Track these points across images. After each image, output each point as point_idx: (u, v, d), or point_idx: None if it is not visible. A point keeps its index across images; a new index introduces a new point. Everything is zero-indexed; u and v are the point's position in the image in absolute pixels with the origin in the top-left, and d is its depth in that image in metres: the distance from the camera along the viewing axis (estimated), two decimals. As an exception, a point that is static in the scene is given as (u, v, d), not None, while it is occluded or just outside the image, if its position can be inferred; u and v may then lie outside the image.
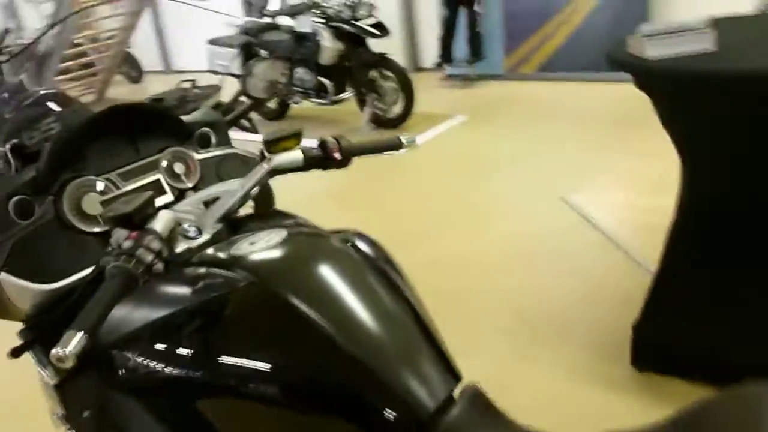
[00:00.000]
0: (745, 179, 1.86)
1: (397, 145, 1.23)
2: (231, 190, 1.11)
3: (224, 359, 0.91)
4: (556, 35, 6.10)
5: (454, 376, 0.94)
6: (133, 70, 8.99)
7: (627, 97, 5.25)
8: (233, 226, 1.09)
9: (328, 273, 0.96)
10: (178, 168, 1.18)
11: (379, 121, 5.17)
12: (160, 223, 0.90)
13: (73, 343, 0.73)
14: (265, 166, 1.10)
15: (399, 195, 4.07)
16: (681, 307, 2.08)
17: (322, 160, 1.14)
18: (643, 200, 3.39)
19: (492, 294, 2.77)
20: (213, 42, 5.71)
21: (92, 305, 0.77)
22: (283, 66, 5.22)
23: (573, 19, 5.94)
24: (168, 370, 0.94)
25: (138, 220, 0.89)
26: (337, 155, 1.13)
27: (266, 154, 1.11)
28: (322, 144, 1.14)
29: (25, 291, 1.02)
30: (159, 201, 1.13)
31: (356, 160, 1.19)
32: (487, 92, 6.25)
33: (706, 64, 1.71)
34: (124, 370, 0.97)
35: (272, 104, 5.79)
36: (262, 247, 0.99)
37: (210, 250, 1.01)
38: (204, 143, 1.27)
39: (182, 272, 0.98)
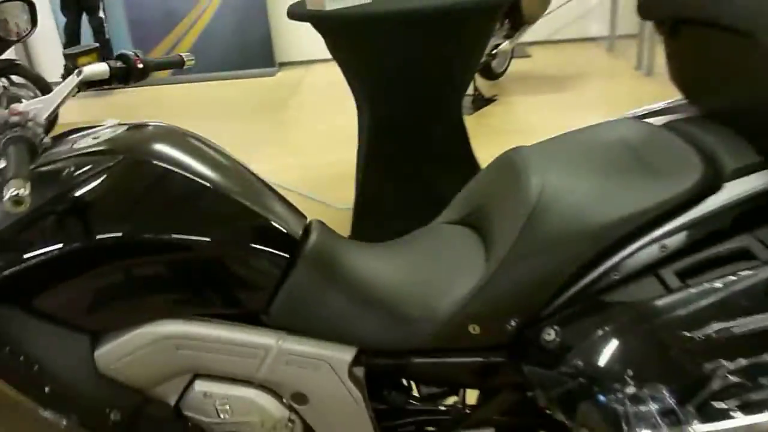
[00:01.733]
0: (398, 97, 2.44)
1: (180, 62, 1.38)
2: (39, 107, 1.14)
3: (112, 233, 0.98)
4: (185, 39, 6.33)
5: (302, 214, 1.19)
6: None
7: (258, 88, 5.86)
8: None
9: (178, 143, 1.11)
10: None
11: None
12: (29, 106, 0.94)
13: (26, 186, 0.78)
14: (75, 78, 1.15)
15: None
16: (378, 212, 2.60)
17: (124, 73, 1.23)
18: (310, 158, 3.94)
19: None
20: None
21: (14, 163, 0.81)
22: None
23: (199, 22, 6.24)
24: (48, 264, 0.97)
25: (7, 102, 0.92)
26: (140, 65, 1.24)
27: (76, 65, 1.16)
28: (122, 56, 1.23)
29: None
30: None
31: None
32: (128, 99, 6.13)
33: (363, 9, 2.23)
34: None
35: None
36: (108, 137, 1.08)
37: (49, 158, 1.05)
38: None
39: (40, 171, 1.00)
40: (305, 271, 1.08)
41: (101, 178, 1.00)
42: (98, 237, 0.98)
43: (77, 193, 0.98)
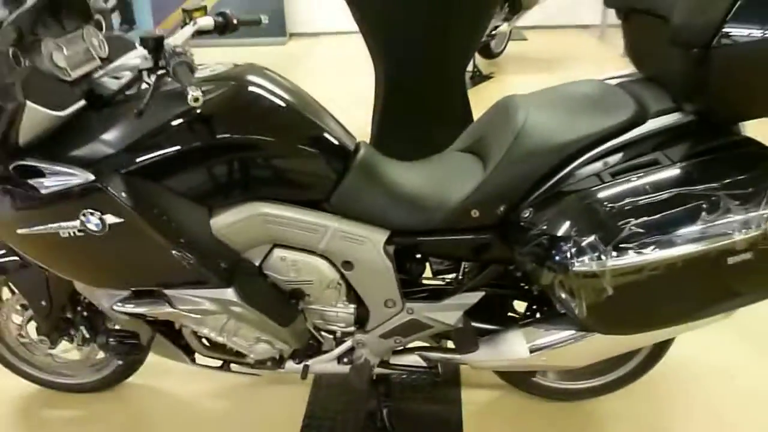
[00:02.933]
0: (412, 63, 2.87)
1: (258, 21, 1.79)
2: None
3: (223, 135, 1.41)
4: (203, 4, 6.68)
5: (353, 135, 1.63)
6: None
7: (270, 55, 6.26)
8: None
9: (266, 76, 1.54)
10: (95, 41, 1.55)
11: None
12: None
13: (200, 90, 1.21)
14: (192, 27, 1.58)
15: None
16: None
17: (223, 26, 1.65)
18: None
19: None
20: None
21: (188, 77, 1.24)
22: None
23: (218, -11, 6.59)
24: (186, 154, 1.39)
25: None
26: (234, 20, 1.66)
27: (192, 17, 1.58)
28: (222, 14, 1.65)
29: (42, 117, 1.32)
30: (89, 66, 1.49)
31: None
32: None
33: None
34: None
35: None
36: (220, 70, 1.51)
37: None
38: (98, 27, 1.64)
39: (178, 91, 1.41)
40: (356, 174, 1.52)
41: (218, 98, 1.42)
42: (215, 137, 1.40)
43: (202, 108, 1.41)
